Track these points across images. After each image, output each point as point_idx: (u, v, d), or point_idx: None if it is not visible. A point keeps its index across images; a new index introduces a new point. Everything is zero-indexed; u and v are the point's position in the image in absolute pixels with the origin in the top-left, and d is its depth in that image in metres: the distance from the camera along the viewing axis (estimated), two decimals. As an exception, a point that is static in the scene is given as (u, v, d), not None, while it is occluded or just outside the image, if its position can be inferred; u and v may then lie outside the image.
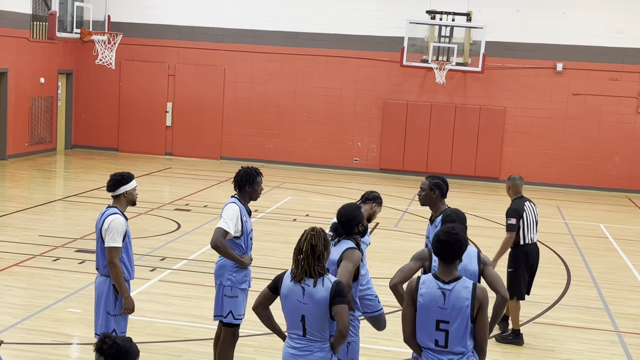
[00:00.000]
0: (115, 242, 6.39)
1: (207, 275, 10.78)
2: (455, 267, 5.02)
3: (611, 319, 9.92)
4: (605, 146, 20.94)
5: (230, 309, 6.83)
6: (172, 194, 17.27)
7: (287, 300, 5.09)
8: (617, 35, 20.61)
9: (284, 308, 5.13)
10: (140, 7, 22.58)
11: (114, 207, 6.57)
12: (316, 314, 5.01)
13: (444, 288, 4.95)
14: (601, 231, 15.76)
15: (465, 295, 4.92)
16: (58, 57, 22.29)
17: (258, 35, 22.19)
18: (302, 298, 5.02)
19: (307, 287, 5.02)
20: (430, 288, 4.99)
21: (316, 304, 5.00)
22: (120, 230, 6.41)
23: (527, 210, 9.00)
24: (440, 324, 4.96)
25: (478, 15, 20.80)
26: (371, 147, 21.98)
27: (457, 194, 19.21)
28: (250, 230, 6.99)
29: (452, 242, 4.96)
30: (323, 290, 5.00)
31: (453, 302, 4.92)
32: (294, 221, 14.83)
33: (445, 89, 21.17)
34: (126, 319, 6.61)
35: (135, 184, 6.69)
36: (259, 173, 7.05)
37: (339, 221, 6.01)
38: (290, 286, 5.08)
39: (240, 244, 6.85)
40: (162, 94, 22.82)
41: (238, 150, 22.57)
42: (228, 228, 6.71)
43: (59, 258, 11.26)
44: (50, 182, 19.04)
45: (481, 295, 4.95)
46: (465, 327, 4.93)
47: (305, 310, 5.02)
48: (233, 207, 6.85)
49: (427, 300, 4.98)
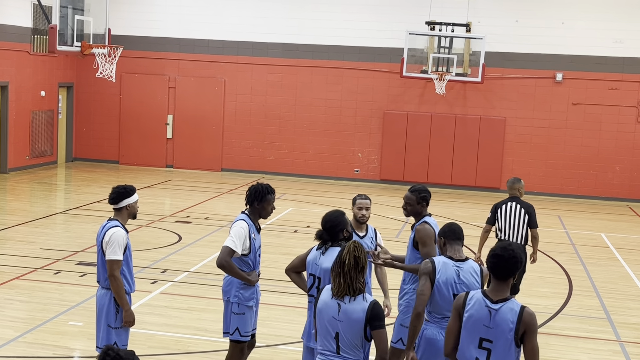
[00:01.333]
0: (116, 255, 6.39)
1: (209, 287, 10.77)
2: (507, 287, 4.91)
3: (613, 329, 9.90)
4: (605, 155, 20.95)
5: (237, 326, 6.80)
6: (173, 206, 17.27)
7: (321, 315, 5.05)
8: (617, 44, 20.66)
9: (318, 323, 5.09)
10: (141, 20, 22.66)
11: (115, 219, 6.57)
12: (351, 332, 4.96)
13: (490, 307, 4.87)
14: (602, 240, 15.75)
15: (511, 318, 4.82)
16: (59, 70, 22.34)
17: (258, 47, 22.25)
18: (337, 315, 4.97)
19: (343, 304, 4.97)
20: (477, 305, 4.91)
21: (351, 323, 4.96)
22: (121, 243, 6.41)
23: (505, 209, 9.45)
24: (484, 342, 4.87)
25: (477, 26, 20.85)
26: (372, 158, 22.00)
27: (458, 204, 19.21)
28: (259, 247, 6.93)
29: (507, 258, 4.85)
30: (359, 311, 4.95)
31: (498, 322, 4.84)
32: (295, 232, 14.83)
33: (445, 99, 21.20)
34: (127, 331, 6.60)
35: (137, 197, 6.70)
36: (270, 191, 6.85)
37: (324, 227, 6.06)
38: (326, 301, 5.05)
39: (248, 262, 6.80)
40: (162, 106, 22.86)
41: (239, 162, 22.59)
42: (235, 247, 6.63)
43: (60, 271, 11.25)
44: (51, 195, 19.05)
45: (528, 319, 4.82)
46: (508, 349, 4.83)
47: (340, 328, 4.96)
48: (241, 224, 6.73)
49: (473, 317, 4.91)
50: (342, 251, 5.08)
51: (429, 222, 6.85)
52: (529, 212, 9.62)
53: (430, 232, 6.73)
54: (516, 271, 4.90)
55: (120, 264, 6.42)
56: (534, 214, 9.68)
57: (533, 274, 12.58)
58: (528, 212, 9.62)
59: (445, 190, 21.22)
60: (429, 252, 6.65)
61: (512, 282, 8.34)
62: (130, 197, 6.61)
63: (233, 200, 18.11)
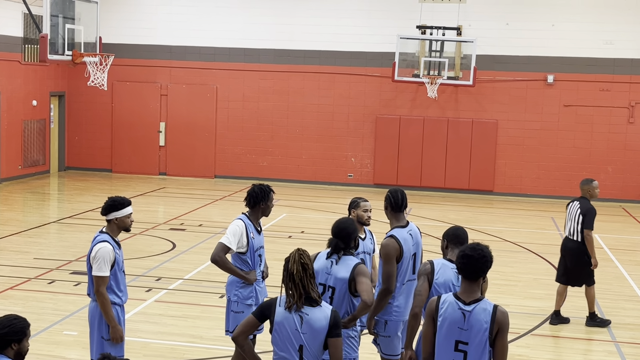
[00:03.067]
0: (101, 271, 6.29)
1: (203, 294, 10.75)
2: (477, 287, 4.94)
3: (609, 330, 9.92)
4: (597, 157, 21.01)
5: (236, 324, 6.83)
6: (167, 214, 17.24)
7: (282, 330, 4.87)
8: (607, 46, 20.73)
9: (276, 338, 4.89)
10: (132, 28, 22.64)
11: (105, 233, 6.47)
12: (315, 343, 4.84)
13: (464, 309, 4.91)
14: (596, 242, 15.76)
15: (485, 318, 4.86)
16: (50, 79, 22.31)
17: (249, 54, 22.26)
18: (301, 327, 4.84)
19: (305, 315, 4.84)
20: (450, 308, 4.94)
21: (315, 333, 4.83)
22: (106, 259, 6.31)
23: (568, 208, 10.13)
24: (459, 344, 4.91)
25: (468, 29, 20.91)
26: (365, 163, 22.01)
27: (451, 208, 19.24)
28: (259, 247, 7.01)
29: (477, 258, 4.89)
30: (322, 319, 4.84)
31: (472, 323, 4.88)
32: (290, 238, 14.81)
33: (437, 103, 21.24)
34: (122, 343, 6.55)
35: (130, 210, 6.50)
36: (271, 190, 7.10)
37: (338, 236, 5.94)
38: (285, 314, 4.87)
39: (246, 260, 6.90)
40: (154, 114, 22.84)
41: (232, 168, 22.58)
42: (229, 243, 6.77)
43: (54, 281, 11.22)
44: (44, 205, 19.00)
45: (501, 318, 4.88)
46: (483, 349, 4.87)
47: (304, 340, 4.83)
48: (238, 223, 6.89)
49: (447, 320, 4.94)
50: (287, 262, 4.93)
51: (396, 236, 6.49)
52: (584, 214, 9.80)
53: (391, 250, 6.39)
54: (486, 270, 4.94)
55: (107, 280, 6.32)
56: (588, 216, 9.80)
57: (527, 276, 12.61)
58: (583, 213, 9.81)
59: (438, 194, 21.23)
60: (387, 271, 6.35)
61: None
62: (118, 211, 6.42)
63: (227, 207, 18.10)
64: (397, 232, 6.55)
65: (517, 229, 16.91)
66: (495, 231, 16.34)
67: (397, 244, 6.44)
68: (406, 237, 6.57)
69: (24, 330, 4.55)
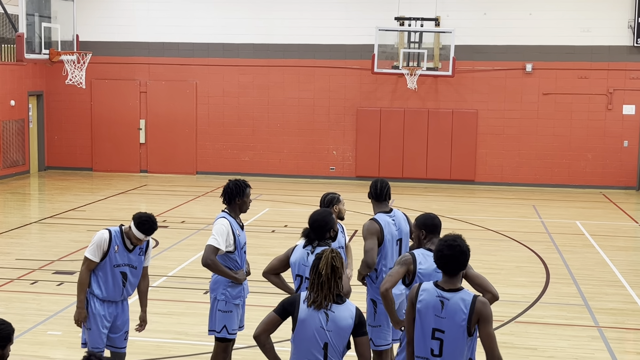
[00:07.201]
0: (89, 252, 6.55)
1: (187, 291, 10.73)
2: (458, 279, 4.97)
3: (591, 315, 10.01)
4: (577, 144, 21.14)
5: (224, 324, 6.81)
6: (149, 211, 17.12)
7: (306, 327, 4.86)
8: (584, 33, 20.85)
9: (299, 335, 4.89)
10: (109, 25, 22.50)
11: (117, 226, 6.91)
12: (339, 341, 4.84)
13: (442, 296, 4.92)
14: (577, 228, 15.90)
15: (463, 308, 4.86)
16: (27, 79, 22.13)
17: (228, 49, 22.19)
18: (326, 325, 4.82)
19: (331, 313, 4.83)
20: (429, 295, 4.96)
21: (340, 332, 4.84)
22: (98, 244, 6.55)
23: None
24: (436, 332, 4.92)
25: (446, 20, 20.96)
26: (346, 155, 22.03)
27: (433, 198, 19.30)
28: (244, 244, 6.94)
29: (457, 255, 4.91)
30: (348, 317, 4.85)
31: (450, 312, 4.88)
32: (273, 232, 14.82)
33: (417, 94, 21.28)
34: (98, 335, 6.57)
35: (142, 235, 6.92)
36: (247, 185, 6.98)
37: (312, 227, 6.02)
38: (309, 312, 4.87)
39: (234, 259, 6.82)
40: (134, 111, 22.73)
41: (213, 164, 22.52)
42: (218, 244, 6.65)
43: (37, 281, 11.15)
44: (25, 205, 18.86)
45: (481, 308, 4.86)
46: (460, 338, 4.87)
47: (329, 338, 4.83)
48: (222, 222, 6.77)
49: (425, 307, 4.95)
50: (319, 261, 4.92)
51: (377, 219, 6.83)
52: None
53: (371, 228, 6.77)
54: (466, 263, 4.96)
55: (91, 264, 6.55)
56: None
57: (510, 264, 12.69)
58: None
59: (420, 185, 21.30)
60: (366, 246, 6.73)
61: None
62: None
63: (209, 203, 18.06)
64: (379, 216, 6.90)
65: (499, 217, 17.01)
66: (477, 220, 16.42)
67: (378, 225, 6.79)
68: (388, 222, 6.86)
69: (9, 336, 4.51)
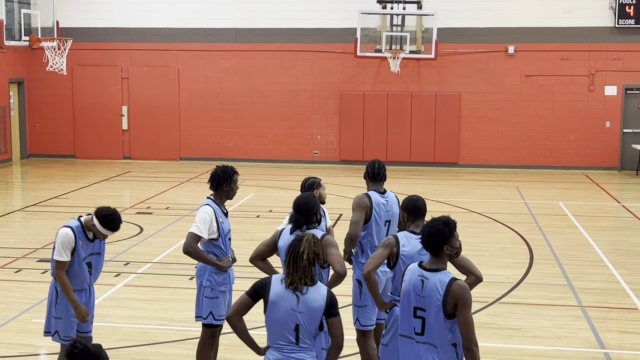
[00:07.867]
0: (59, 255, 6.38)
1: (173, 277, 10.73)
2: (442, 259, 5.03)
3: (575, 295, 10.10)
4: (559, 125, 21.24)
5: (210, 310, 6.81)
6: (133, 198, 17.12)
7: (277, 308, 4.87)
8: (566, 15, 20.90)
9: (271, 317, 4.90)
10: (89, 11, 22.31)
11: (76, 220, 6.54)
12: (311, 322, 4.86)
13: (423, 275, 4.99)
14: (560, 209, 16.00)
15: (439, 289, 4.91)
16: (8, 66, 21.93)
17: (210, 34, 22.08)
18: (297, 306, 4.83)
19: (301, 295, 4.84)
20: (412, 274, 5.07)
21: (312, 313, 4.85)
22: (65, 244, 6.37)
23: None
24: (418, 311, 4.99)
25: (428, 2, 20.94)
26: (330, 140, 22.03)
27: (418, 181, 19.36)
28: (228, 231, 6.93)
29: (440, 236, 4.98)
30: (319, 299, 4.86)
31: (428, 291, 4.95)
32: (258, 217, 14.82)
33: (400, 77, 21.28)
34: (69, 323, 6.53)
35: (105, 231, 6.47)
36: (235, 171, 6.94)
37: (298, 211, 6.03)
38: (281, 293, 4.87)
39: (219, 245, 6.81)
40: (116, 97, 22.60)
41: (197, 150, 22.46)
42: (200, 232, 6.64)
43: (21, 269, 11.11)
44: (7, 193, 18.75)
45: (457, 291, 4.87)
46: (439, 319, 4.92)
47: (300, 319, 4.85)
48: (206, 209, 6.74)
49: (407, 286, 5.06)
50: (298, 244, 4.91)
51: (369, 194, 7.03)
52: None
53: (361, 202, 6.98)
54: (446, 242, 5.00)
55: (65, 265, 6.37)
56: None
57: (494, 245, 12.77)
58: None
59: (404, 168, 21.35)
60: (353, 218, 6.97)
61: None
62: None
63: (193, 189, 18.02)
64: (371, 193, 7.05)
65: (482, 199, 17.09)
66: (461, 202, 16.49)
67: (369, 200, 6.95)
68: (380, 201, 7.03)
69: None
